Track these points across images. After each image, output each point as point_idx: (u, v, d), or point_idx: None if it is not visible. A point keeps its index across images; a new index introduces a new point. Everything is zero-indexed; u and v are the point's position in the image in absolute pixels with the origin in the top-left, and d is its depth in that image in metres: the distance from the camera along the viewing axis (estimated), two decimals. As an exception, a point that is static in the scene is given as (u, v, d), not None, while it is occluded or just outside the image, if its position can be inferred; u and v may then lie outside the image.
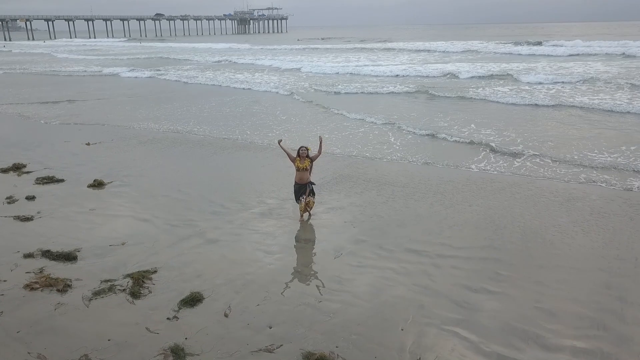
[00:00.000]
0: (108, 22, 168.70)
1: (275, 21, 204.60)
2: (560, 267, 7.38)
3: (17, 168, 13.01)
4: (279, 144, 9.31)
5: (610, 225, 8.84)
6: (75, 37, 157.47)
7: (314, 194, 9.14)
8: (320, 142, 9.17)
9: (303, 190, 8.97)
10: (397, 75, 32.71)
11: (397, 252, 7.93)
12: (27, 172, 12.66)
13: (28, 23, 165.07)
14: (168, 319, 6.13)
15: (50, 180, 11.93)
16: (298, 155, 8.92)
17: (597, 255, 7.74)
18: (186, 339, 5.71)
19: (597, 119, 17.58)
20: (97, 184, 11.52)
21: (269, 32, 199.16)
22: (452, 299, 6.53)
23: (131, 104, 24.48)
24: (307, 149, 8.93)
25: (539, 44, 54.22)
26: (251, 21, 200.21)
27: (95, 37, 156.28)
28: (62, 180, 11.91)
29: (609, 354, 5.39)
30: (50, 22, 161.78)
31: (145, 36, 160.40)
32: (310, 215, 9.25)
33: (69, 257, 7.78)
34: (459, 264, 7.48)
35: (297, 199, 9.06)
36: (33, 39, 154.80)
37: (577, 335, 5.72)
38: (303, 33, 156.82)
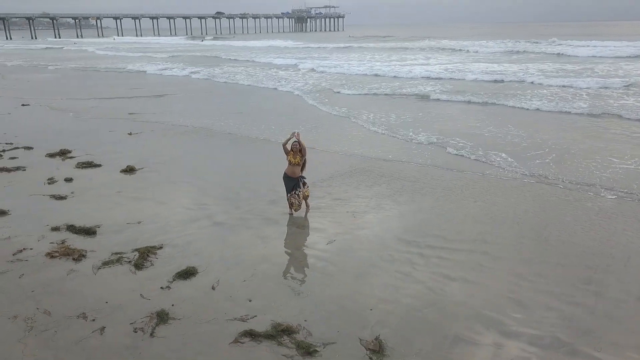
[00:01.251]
0: (171, 20, 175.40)
1: (332, 19, 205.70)
2: (547, 262, 7.45)
3: (63, 153, 14.21)
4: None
5: (614, 225, 8.75)
6: (141, 35, 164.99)
7: (305, 184, 9.24)
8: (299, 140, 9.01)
9: (294, 184, 9.05)
10: (429, 77, 31.59)
11: (388, 240, 8.25)
12: (71, 157, 13.82)
13: (98, 21, 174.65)
14: (161, 288, 6.77)
15: (89, 165, 13.00)
16: (292, 148, 9.01)
17: (588, 253, 7.74)
18: (173, 305, 6.32)
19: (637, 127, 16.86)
20: (129, 170, 12.46)
21: (325, 30, 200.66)
22: (427, 285, 6.80)
23: (168, 99, 25.77)
24: (300, 143, 8.99)
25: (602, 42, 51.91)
26: (308, 19, 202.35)
27: (159, 35, 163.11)
28: (99, 165, 12.95)
29: (564, 343, 5.53)
30: (118, 20, 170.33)
31: (206, 34, 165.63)
32: (308, 206, 9.51)
33: (89, 231, 8.62)
34: (445, 255, 7.71)
35: (288, 192, 9.15)
36: (103, 36, 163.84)
37: (539, 325, 5.87)
38: (359, 31, 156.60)
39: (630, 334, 5.71)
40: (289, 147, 9.18)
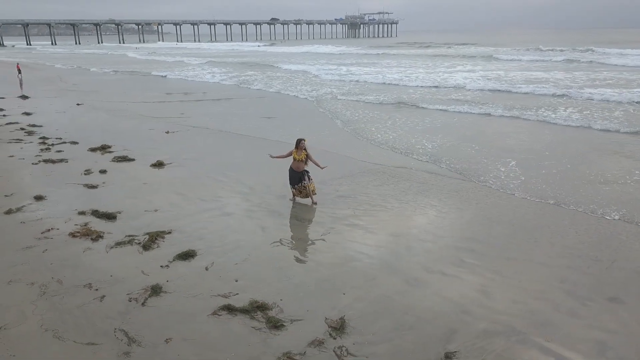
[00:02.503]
0: (228, 26, 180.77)
1: (385, 25, 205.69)
2: (529, 261, 7.66)
3: (103, 148, 15.43)
4: (270, 157, 10.57)
5: (610, 230, 8.79)
6: (199, 40, 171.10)
7: (309, 178, 10.05)
8: (320, 165, 10.06)
9: (298, 177, 9.97)
10: (457, 87, 30.42)
11: (380, 234, 8.69)
12: (110, 152, 14.99)
13: (159, 27, 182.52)
14: (161, 266, 7.51)
15: (123, 159, 14.10)
16: (296, 147, 9.91)
17: (574, 255, 7.87)
18: (167, 281, 7.04)
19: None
20: (158, 164, 13.44)
21: (378, 36, 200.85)
22: (404, 275, 7.20)
23: (201, 104, 26.96)
24: (304, 141, 9.94)
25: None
26: (361, 25, 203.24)
27: (216, 40, 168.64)
28: (132, 160, 14.02)
29: (518, 332, 5.81)
30: (178, 26, 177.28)
31: (261, 39, 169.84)
32: (313, 200, 10.17)
33: (110, 216, 9.54)
34: (431, 248, 8.07)
35: (292, 184, 10.13)
36: (163, 41, 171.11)
37: (499, 316, 6.15)
38: (412, 37, 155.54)
39: (586, 329, 5.91)
40: (284, 153, 10.39)
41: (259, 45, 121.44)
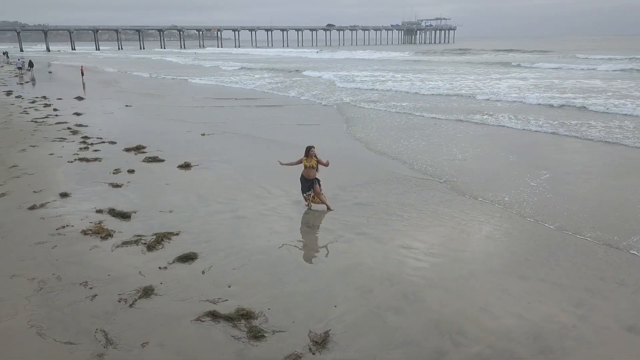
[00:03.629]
0: (284, 32, 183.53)
1: (442, 32, 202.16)
2: (544, 281, 7.07)
3: (138, 149, 15.80)
4: (280, 164, 10.49)
5: (643, 252, 8.00)
6: (257, 45, 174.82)
7: (320, 187, 9.93)
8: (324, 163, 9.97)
9: (309, 184, 9.86)
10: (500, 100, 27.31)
11: (390, 244, 8.32)
12: (143, 152, 15.33)
13: (219, 32, 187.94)
14: (159, 268, 7.48)
15: (154, 159, 14.36)
16: (306, 154, 9.86)
17: (597, 277, 7.20)
18: (161, 283, 6.98)
19: None
20: (185, 165, 13.59)
21: (435, 42, 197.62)
22: (402, 289, 6.80)
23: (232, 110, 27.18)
24: (314, 148, 9.94)
25: None
26: (418, 31, 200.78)
27: (272, 46, 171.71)
28: (162, 160, 14.25)
29: (517, 358, 5.31)
30: (236, 32, 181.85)
31: (317, 45, 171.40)
32: (329, 207, 9.96)
33: (124, 215, 9.67)
34: (440, 262, 7.64)
35: (303, 192, 10.02)
36: (222, 47, 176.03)
37: (498, 338, 5.66)
38: (466, 44, 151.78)
39: (593, 359, 5.32)
40: (294, 161, 10.25)
41: (317, 52, 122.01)
